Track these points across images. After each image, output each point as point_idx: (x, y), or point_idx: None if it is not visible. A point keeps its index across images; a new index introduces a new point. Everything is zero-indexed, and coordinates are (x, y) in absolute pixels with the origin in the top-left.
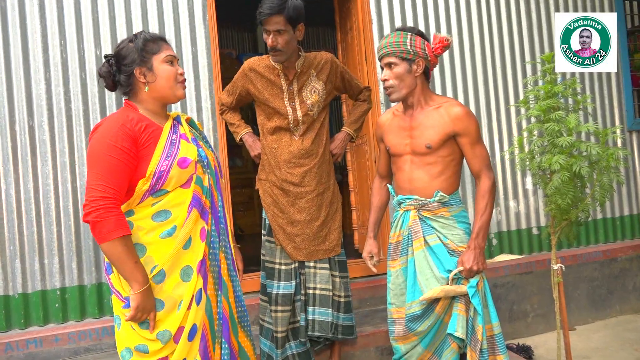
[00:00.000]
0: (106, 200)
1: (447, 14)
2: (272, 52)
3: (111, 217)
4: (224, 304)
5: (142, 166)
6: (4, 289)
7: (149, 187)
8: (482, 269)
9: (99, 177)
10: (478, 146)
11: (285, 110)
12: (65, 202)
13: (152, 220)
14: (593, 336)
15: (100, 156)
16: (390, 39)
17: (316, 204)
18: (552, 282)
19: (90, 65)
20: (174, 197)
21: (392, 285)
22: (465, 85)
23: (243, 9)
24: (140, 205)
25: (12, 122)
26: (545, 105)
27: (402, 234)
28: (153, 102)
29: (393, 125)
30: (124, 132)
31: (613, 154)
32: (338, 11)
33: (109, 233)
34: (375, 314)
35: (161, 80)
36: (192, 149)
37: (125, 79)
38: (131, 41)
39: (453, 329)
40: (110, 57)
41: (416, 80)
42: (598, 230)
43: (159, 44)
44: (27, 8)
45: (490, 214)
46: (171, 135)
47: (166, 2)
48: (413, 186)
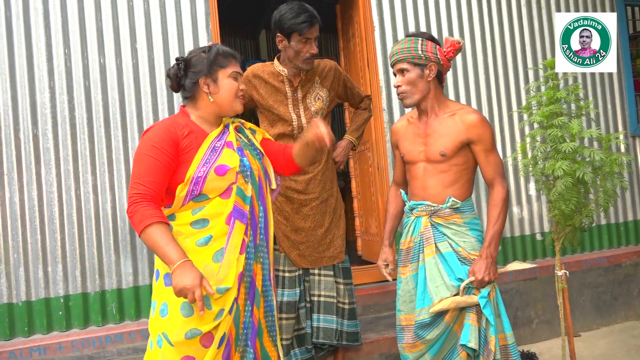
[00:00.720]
0: (138, 196)
1: (449, 20)
2: (310, 59)
3: (140, 209)
4: (255, 312)
5: (181, 170)
6: (7, 296)
7: (187, 193)
8: (493, 279)
9: (137, 176)
10: (492, 154)
11: (289, 117)
12: (69, 210)
13: (191, 227)
14: (598, 342)
15: (141, 156)
16: (402, 45)
17: (320, 211)
18: (557, 288)
19: (94, 74)
20: (214, 207)
21: (402, 292)
22: (468, 92)
23: (245, 16)
24: (182, 210)
25: (17, 130)
26: (548, 111)
27: (414, 240)
28: (210, 112)
29: (408, 132)
30: (166, 134)
31: (616, 160)
32: (340, 18)
33: (139, 224)
34: (380, 321)
35: (223, 93)
36: (234, 158)
37: (189, 85)
38: (204, 52)
39: (466, 340)
40: (180, 61)
41: (429, 85)
42: (602, 235)
43: (229, 59)
44: (31, 17)
45: (503, 224)
46: (215, 142)
47: (169, 10)
48: (426, 193)
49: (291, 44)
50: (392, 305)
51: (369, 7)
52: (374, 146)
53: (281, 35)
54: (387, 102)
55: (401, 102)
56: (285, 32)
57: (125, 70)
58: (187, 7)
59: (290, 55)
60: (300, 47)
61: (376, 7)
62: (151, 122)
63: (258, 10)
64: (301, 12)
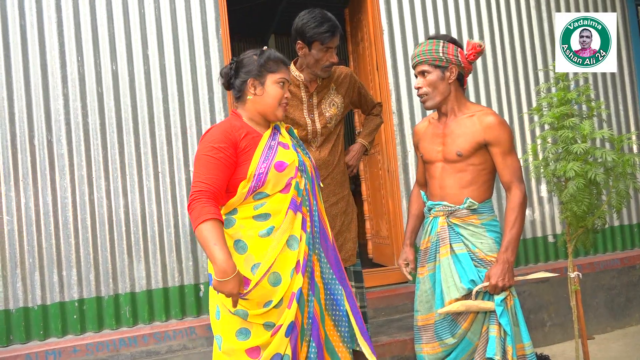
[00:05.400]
0: (198, 194)
1: (458, 23)
2: (329, 67)
3: (198, 206)
4: (315, 305)
5: (242, 169)
6: (23, 300)
7: (249, 189)
8: (508, 285)
9: (197, 175)
10: (510, 157)
11: (304, 122)
12: (83, 215)
13: (254, 220)
14: (612, 345)
15: (200, 157)
16: (423, 47)
17: (331, 214)
18: (569, 291)
19: (107, 81)
20: (275, 202)
21: (419, 292)
22: (478, 94)
23: (255, 22)
24: (243, 205)
25: (32, 137)
26: (559, 112)
27: (431, 240)
28: (256, 113)
29: (428, 132)
30: (224, 135)
31: (629, 160)
32: (349, 22)
33: (194, 221)
34: (391, 324)
35: (268, 97)
36: (291, 154)
37: (239, 84)
38: (257, 55)
39: (492, 353)
40: (234, 61)
41: (450, 87)
42: (615, 237)
43: (279, 65)
44: (45, 26)
45: (521, 228)
46: (270, 141)
47: (180, 17)
48: (444, 193)
49: (312, 52)
50: (403, 308)
51: (377, 11)
52: (384, 149)
53: (302, 43)
54: (397, 105)
55: (422, 104)
56: (307, 41)
57: (137, 76)
58: (198, 13)
59: (310, 63)
60: (321, 55)
61: (385, 11)
62: (163, 127)
63: (267, 16)
64: (324, 21)
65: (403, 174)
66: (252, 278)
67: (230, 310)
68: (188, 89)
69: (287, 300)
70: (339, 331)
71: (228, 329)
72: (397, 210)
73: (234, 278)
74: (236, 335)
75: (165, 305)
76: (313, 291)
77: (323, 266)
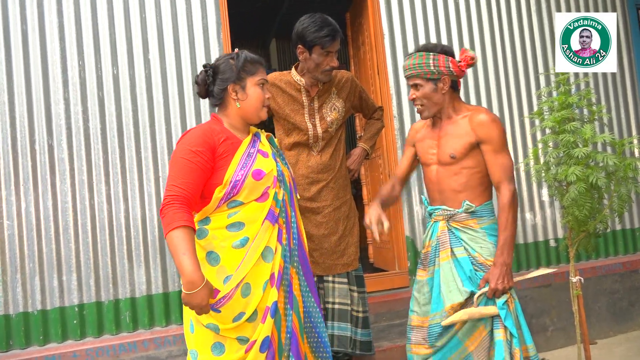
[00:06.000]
0: (171, 198)
1: (459, 27)
2: (329, 71)
3: (169, 212)
4: (294, 319)
5: (219, 175)
6: (23, 305)
7: (224, 195)
8: (508, 288)
9: (172, 178)
10: (501, 155)
11: (305, 126)
12: (83, 220)
13: (227, 230)
14: (615, 350)
15: (177, 159)
16: (414, 60)
17: (333, 219)
18: (572, 295)
19: (108, 85)
20: (249, 210)
21: (417, 293)
22: (479, 97)
23: (256, 26)
24: (216, 213)
25: (32, 142)
26: (560, 116)
27: (431, 245)
28: (238, 119)
29: (425, 133)
30: (203, 139)
31: (630, 164)
32: (350, 26)
33: (165, 227)
34: (392, 329)
35: (251, 100)
36: (270, 163)
37: (218, 92)
38: (233, 58)
39: (502, 358)
40: (208, 67)
41: (444, 96)
42: (617, 241)
43: (256, 66)
44: (47, 30)
45: (514, 229)
46: (249, 148)
47: (181, 21)
48: (443, 197)
49: (312, 57)
50: (404, 312)
51: (378, 15)
52: (385, 153)
53: (302, 47)
54: (398, 110)
55: (419, 114)
56: (308, 45)
57: (138, 80)
58: (199, 17)
59: (311, 67)
60: (321, 60)
61: (386, 15)
62: (164, 132)
63: (268, 20)
64: (324, 25)
65: None
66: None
67: (202, 323)
68: (189, 93)
69: (260, 313)
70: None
71: (203, 344)
72: (397, 214)
73: (202, 289)
74: (211, 350)
75: (165, 311)
76: (291, 305)
77: (301, 280)
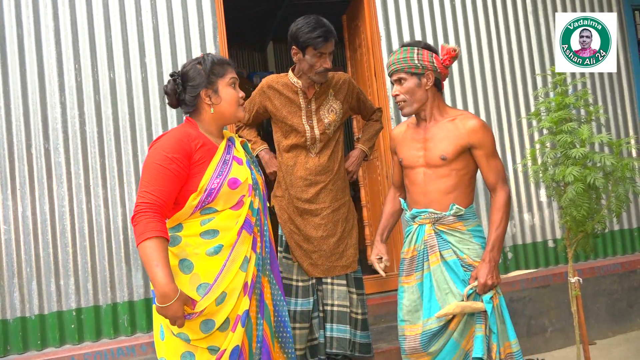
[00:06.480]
0: (144, 206)
1: (455, 28)
2: (323, 72)
3: (142, 220)
4: (265, 328)
5: (194, 181)
6: (20, 310)
7: (199, 202)
8: (496, 283)
9: (144, 185)
10: (493, 159)
11: (303, 129)
12: (80, 224)
13: (200, 237)
14: (614, 350)
15: (150, 165)
16: (398, 55)
17: (332, 221)
18: (570, 296)
19: (104, 89)
20: (224, 218)
21: (407, 301)
22: (476, 98)
23: (253, 29)
24: (189, 220)
25: (29, 146)
26: (557, 116)
27: (417, 249)
28: (214, 123)
29: (407, 137)
30: (179, 145)
31: (628, 164)
32: (346, 28)
33: (137, 237)
34: (391, 331)
35: (225, 102)
36: (245, 171)
37: (190, 99)
38: (199, 63)
39: (480, 353)
40: (176, 75)
41: (427, 93)
42: (615, 241)
43: (225, 67)
44: (42, 34)
45: (505, 228)
46: (225, 155)
47: (177, 25)
48: (428, 199)
49: (306, 58)
50: None
51: (375, 17)
52: (383, 155)
53: (296, 48)
54: (395, 112)
55: (400, 111)
56: (301, 46)
57: (134, 84)
58: (195, 21)
59: (305, 68)
60: (314, 61)
61: (382, 17)
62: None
63: (265, 23)
64: (317, 27)
65: None
66: (197, 299)
67: (173, 332)
68: None
69: (232, 322)
70: (285, 352)
71: (173, 352)
72: None
73: (176, 302)
74: (182, 359)
75: None
76: (262, 314)
77: (273, 288)
